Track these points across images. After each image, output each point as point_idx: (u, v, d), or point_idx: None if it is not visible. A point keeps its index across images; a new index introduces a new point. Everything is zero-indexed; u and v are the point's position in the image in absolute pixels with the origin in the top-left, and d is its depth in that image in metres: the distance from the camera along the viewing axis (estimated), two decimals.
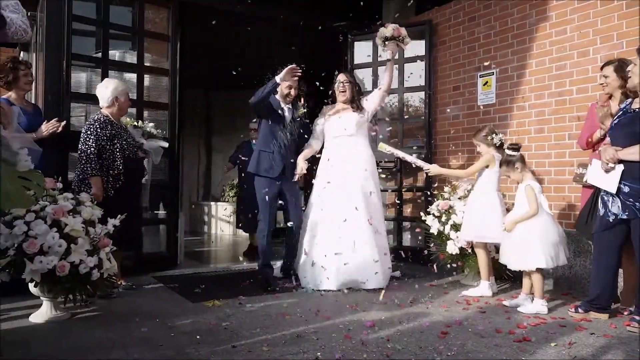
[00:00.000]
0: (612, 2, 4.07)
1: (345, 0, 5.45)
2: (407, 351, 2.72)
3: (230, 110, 9.65)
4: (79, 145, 3.88)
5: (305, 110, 4.62)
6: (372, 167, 4.53)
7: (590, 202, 3.55)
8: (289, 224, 4.48)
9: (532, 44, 4.69)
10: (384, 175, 5.46)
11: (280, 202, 4.47)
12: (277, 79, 4.14)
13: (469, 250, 4.37)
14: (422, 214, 4.93)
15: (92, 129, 3.87)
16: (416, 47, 5.69)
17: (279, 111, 4.42)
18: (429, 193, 5.33)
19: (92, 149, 3.82)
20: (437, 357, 2.64)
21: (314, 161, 4.66)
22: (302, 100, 4.61)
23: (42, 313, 3.28)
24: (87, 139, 3.85)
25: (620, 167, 3.12)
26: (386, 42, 4.41)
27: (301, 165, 4.43)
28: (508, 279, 4.39)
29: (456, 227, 4.46)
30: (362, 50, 6.01)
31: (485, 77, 5.13)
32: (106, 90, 4.02)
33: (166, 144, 4.60)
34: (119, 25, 4.85)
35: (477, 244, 4.11)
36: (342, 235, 4.21)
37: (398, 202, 5.73)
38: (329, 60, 5.51)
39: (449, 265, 4.64)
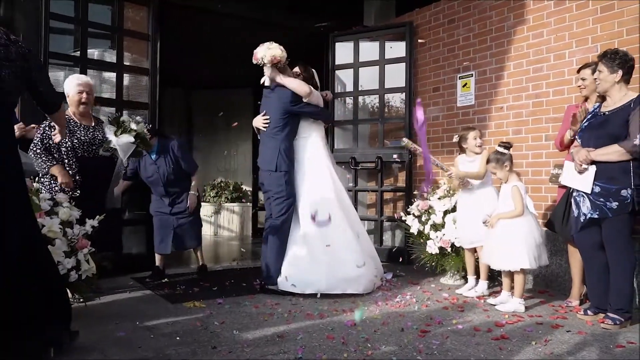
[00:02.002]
0: (587, 7, 4.16)
1: (327, 1, 5.47)
2: (387, 350, 2.75)
3: (211, 109, 9.60)
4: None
5: None
6: (311, 173, 4.26)
7: (564, 204, 3.62)
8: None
9: (510, 47, 4.76)
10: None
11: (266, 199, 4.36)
12: None
13: (449, 250, 4.42)
14: (402, 213, 4.97)
15: (41, 128, 3.89)
16: (397, 49, 5.75)
17: None
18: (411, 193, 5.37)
19: (37, 146, 3.85)
20: (417, 356, 2.67)
21: None
22: None
23: None
24: (35, 138, 3.88)
25: (593, 168, 3.20)
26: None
27: None
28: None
29: (436, 227, 4.51)
30: (343, 51, 6.04)
31: (465, 79, 5.19)
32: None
33: (132, 139, 4.01)
34: (98, 24, 4.79)
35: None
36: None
37: (379, 202, 5.77)
38: (311, 60, 5.52)
39: (428, 265, 4.68)
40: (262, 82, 4.25)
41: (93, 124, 4.14)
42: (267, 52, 4.06)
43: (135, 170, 4.71)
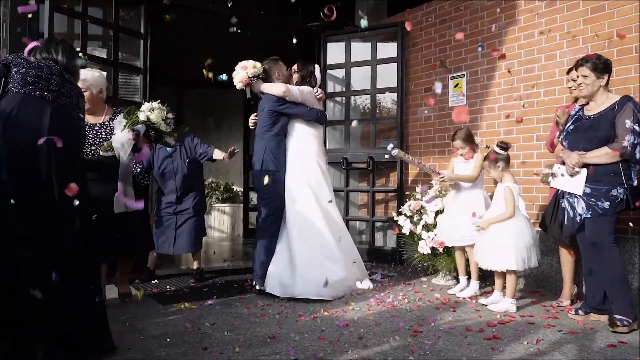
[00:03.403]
0: (578, 8, 4.18)
1: (319, 1, 5.45)
2: (379, 351, 2.74)
3: (202, 108, 9.56)
4: None
5: None
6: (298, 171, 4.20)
7: (553, 205, 3.63)
8: None
9: (501, 47, 4.77)
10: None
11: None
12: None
13: (441, 250, 4.42)
14: (394, 214, 4.97)
15: None
16: (388, 49, 5.75)
17: None
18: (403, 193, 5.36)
19: None
20: (409, 356, 2.66)
21: None
22: None
23: None
24: None
25: (584, 171, 3.23)
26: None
27: None
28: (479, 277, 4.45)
29: (428, 227, 4.51)
30: (335, 51, 6.03)
31: (456, 79, 5.20)
32: None
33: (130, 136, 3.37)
34: (94, 18, 4.74)
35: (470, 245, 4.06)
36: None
37: (371, 202, 5.76)
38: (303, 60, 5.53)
39: (420, 265, 4.68)
40: (248, 97, 4.45)
41: (102, 121, 3.56)
42: (236, 79, 4.24)
43: (149, 163, 4.52)
